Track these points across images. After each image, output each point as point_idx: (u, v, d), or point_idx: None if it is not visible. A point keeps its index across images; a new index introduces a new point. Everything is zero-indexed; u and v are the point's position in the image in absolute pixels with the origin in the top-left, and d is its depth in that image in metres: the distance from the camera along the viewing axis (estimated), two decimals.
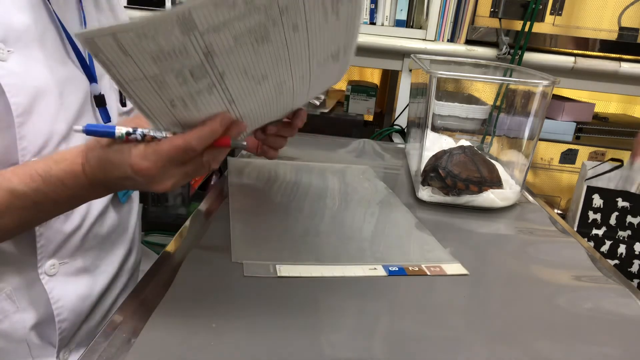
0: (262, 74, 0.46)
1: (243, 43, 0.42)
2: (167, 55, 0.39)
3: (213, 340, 0.43)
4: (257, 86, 0.48)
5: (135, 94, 0.43)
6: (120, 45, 0.39)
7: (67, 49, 0.62)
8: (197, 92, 0.43)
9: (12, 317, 0.60)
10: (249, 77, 0.46)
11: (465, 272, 0.59)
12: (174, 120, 0.46)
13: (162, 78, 0.41)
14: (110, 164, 0.48)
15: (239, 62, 0.43)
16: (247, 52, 0.43)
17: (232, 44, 0.41)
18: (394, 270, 0.57)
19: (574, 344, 0.48)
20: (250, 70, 0.45)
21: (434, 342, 0.46)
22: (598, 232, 1.41)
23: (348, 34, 0.52)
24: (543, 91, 0.79)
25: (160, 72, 0.41)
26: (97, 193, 0.54)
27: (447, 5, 1.45)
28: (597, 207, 1.40)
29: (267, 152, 0.71)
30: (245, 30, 0.41)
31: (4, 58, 0.54)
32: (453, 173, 0.77)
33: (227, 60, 0.42)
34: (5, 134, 0.54)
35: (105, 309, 0.71)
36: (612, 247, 1.40)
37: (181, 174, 0.48)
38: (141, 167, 0.46)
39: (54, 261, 0.61)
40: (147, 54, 0.39)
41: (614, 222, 1.40)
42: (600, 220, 1.40)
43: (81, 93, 0.63)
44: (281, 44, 0.45)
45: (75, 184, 0.51)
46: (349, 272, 0.56)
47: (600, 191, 1.40)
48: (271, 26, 0.42)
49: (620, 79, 1.48)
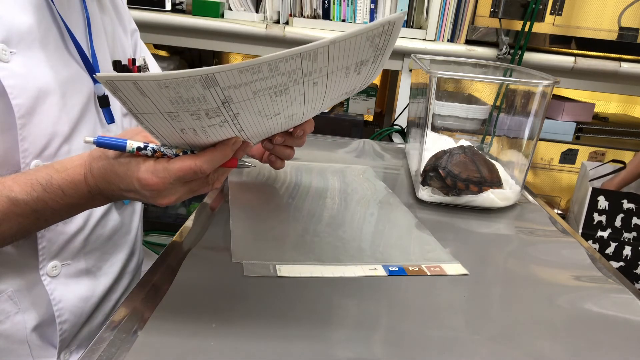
0: (275, 112, 0.48)
1: (262, 95, 0.43)
2: (185, 101, 0.40)
3: (213, 341, 0.43)
4: (268, 121, 0.50)
5: (148, 122, 0.44)
6: (140, 88, 0.39)
7: (70, 50, 0.62)
8: (209, 126, 0.44)
9: (13, 318, 0.60)
10: (262, 115, 0.47)
11: (465, 272, 0.59)
12: (183, 142, 0.47)
13: (177, 114, 0.42)
14: (116, 176, 0.49)
15: (255, 107, 0.44)
16: (264, 101, 0.44)
17: (251, 96, 0.42)
18: (394, 270, 0.57)
19: (574, 344, 0.48)
20: (264, 111, 0.46)
21: (434, 342, 0.46)
22: (603, 234, 1.40)
23: (367, 80, 0.55)
24: (543, 91, 0.79)
25: (175, 110, 0.42)
26: (96, 202, 0.55)
27: (447, 5, 1.45)
28: (603, 208, 1.40)
29: (275, 162, 0.71)
30: (266, 87, 0.42)
31: (6, 59, 0.53)
32: (453, 173, 0.77)
33: (243, 106, 0.43)
34: (6, 136, 0.54)
35: (107, 310, 0.71)
36: (617, 249, 1.40)
37: (186, 190, 0.49)
38: (149, 183, 0.47)
39: (56, 262, 0.61)
40: (166, 98, 0.40)
41: (619, 224, 1.39)
42: (605, 222, 1.40)
43: (84, 94, 0.63)
44: (299, 94, 0.46)
45: (76, 193, 0.52)
46: (349, 272, 0.56)
47: (606, 193, 1.40)
48: (292, 85, 0.44)
49: (620, 79, 1.48)
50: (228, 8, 1.55)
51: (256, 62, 0.38)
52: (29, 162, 0.56)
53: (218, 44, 1.55)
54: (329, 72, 0.45)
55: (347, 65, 0.47)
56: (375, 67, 0.52)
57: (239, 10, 1.55)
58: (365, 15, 1.50)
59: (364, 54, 0.47)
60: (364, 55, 0.48)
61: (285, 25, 1.50)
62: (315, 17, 1.53)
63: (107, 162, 0.49)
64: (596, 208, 1.40)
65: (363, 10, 1.50)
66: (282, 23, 1.55)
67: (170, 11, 1.53)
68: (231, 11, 1.55)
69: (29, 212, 0.51)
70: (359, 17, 1.51)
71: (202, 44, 1.55)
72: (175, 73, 0.38)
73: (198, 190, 0.51)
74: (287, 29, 1.48)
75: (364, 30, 0.43)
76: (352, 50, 0.45)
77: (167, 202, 0.49)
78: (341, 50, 0.43)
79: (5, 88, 0.53)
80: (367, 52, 0.47)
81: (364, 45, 0.46)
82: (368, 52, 0.47)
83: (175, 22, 1.49)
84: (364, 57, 0.48)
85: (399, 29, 0.48)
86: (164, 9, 1.52)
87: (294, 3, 1.52)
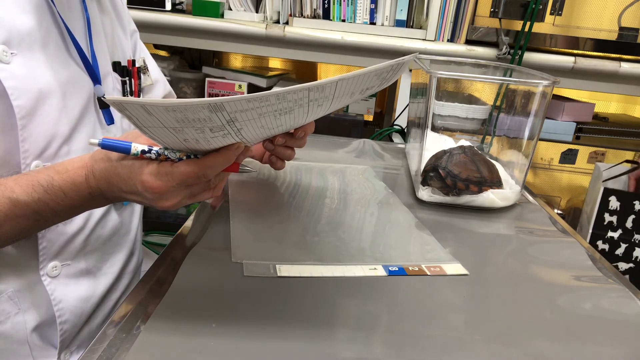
0: (278, 125, 0.49)
1: (266, 116, 0.44)
2: (191, 120, 0.41)
3: (213, 341, 0.43)
4: (270, 131, 0.51)
5: (152, 133, 0.45)
6: (147, 110, 0.40)
7: (70, 51, 0.62)
8: (212, 137, 0.45)
9: (13, 318, 0.60)
10: (265, 128, 0.48)
11: (465, 272, 0.59)
12: (185, 148, 0.48)
13: (182, 129, 0.43)
14: (118, 178, 0.49)
15: (258, 123, 0.45)
16: (269, 119, 0.45)
17: (256, 117, 0.43)
18: (394, 270, 0.57)
19: (573, 344, 0.48)
20: (266, 126, 0.47)
21: (434, 342, 0.46)
22: (614, 235, 1.40)
23: (368, 96, 0.57)
24: (543, 91, 0.79)
25: (180, 127, 0.42)
26: (96, 203, 0.55)
27: (447, 5, 1.45)
28: (614, 209, 1.39)
29: (275, 163, 0.72)
30: (272, 110, 0.43)
31: (7, 60, 0.54)
32: (453, 173, 0.77)
33: (248, 124, 0.44)
34: (7, 137, 0.54)
35: (107, 310, 0.71)
36: (627, 250, 1.39)
37: (187, 194, 0.50)
38: (152, 185, 0.47)
39: (56, 263, 0.61)
40: (172, 118, 0.41)
41: (630, 225, 1.39)
42: (616, 222, 1.39)
43: (84, 95, 0.63)
44: (303, 113, 0.47)
45: (77, 195, 0.52)
46: (349, 272, 0.56)
47: (617, 193, 1.39)
48: (297, 107, 0.45)
49: (620, 79, 1.48)
50: (228, 8, 1.55)
51: (265, 94, 0.39)
52: (29, 162, 0.56)
53: (218, 44, 1.55)
54: (334, 97, 0.46)
55: (353, 92, 0.49)
56: (379, 89, 0.54)
57: (239, 10, 1.55)
58: (365, 15, 1.50)
59: (370, 83, 0.49)
60: (370, 84, 0.50)
61: (285, 25, 1.50)
62: (315, 17, 1.53)
63: (110, 164, 0.49)
64: (607, 208, 1.39)
65: (363, 10, 1.50)
66: (282, 23, 1.55)
67: (170, 11, 1.53)
68: (231, 11, 1.55)
69: (30, 213, 0.51)
70: (359, 17, 1.51)
71: (202, 44, 1.55)
72: (183, 102, 0.38)
73: (199, 195, 0.51)
74: (287, 29, 1.48)
75: (374, 70, 0.45)
76: (359, 82, 0.46)
77: (168, 205, 0.49)
78: (349, 83, 0.45)
79: (7, 89, 0.53)
80: (373, 81, 0.49)
81: (372, 79, 0.48)
82: (374, 81, 0.49)
83: (175, 22, 1.49)
84: (370, 85, 0.50)
85: (408, 66, 0.50)
86: (164, 9, 1.52)
87: (294, 3, 1.52)
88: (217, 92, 1.62)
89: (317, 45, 1.52)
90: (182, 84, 1.63)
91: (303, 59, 1.55)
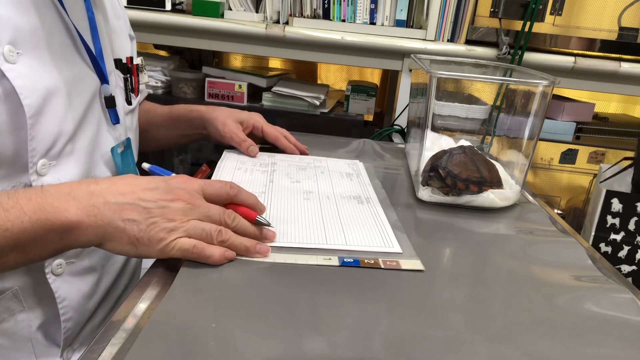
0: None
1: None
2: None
3: (213, 341, 0.43)
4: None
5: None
6: None
7: (75, 48, 0.62)
8: None
9: (17, 316, 0.60)
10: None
11: (421, 268, 0.58)
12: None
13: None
14: (134, 179, 0.55)
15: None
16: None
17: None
18: (348, 262, 0.57)
19: (573, 344, 0.48)
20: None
21: (433, 342, 0.46)
22: (616, 237, 1.39)
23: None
24: (543, 91, 0.79)
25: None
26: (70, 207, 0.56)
27: (447, 5, 1.45)
28: (616, 211, 1.39)
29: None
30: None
31: (14, 60, 0.54)
32: (453, 173, 0.77)
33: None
34: (16, 136, 0.54)
35: (108, 308, 0.72)
36: (630, 252, 1.39)
37: (195, 223, 0.53)
38: (179, 194, 0.54)
39: (61, 261, 0.61)
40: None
41: (633, 227, 1.38)
42: (618, 224, 1.39)
43: (89, 92, 0.64)
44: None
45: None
46: (301, 260, 0.57)
47: (620, 195, 1.39)
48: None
49: (620, 79, 1.48)
50: (228, 8, 1.55)
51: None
52: (36, 161, 0.56)
53: (218, 44, 1.55)
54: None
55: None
56: None
57: (239, 10, 1.55)
58: (365, 15, 1.50)
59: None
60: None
61: (285, 25, 1.50)
62: (315, 17, 1.53)
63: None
64: (609, 210, 1.39)
65: (363, 10, 1.50)
66: (282, 23, 1.55)
67: (170, 11, 1.53)
68: (231, 11, 1.55)
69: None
70: (358, 17, 1.51)
71: (202, 44, 1.55)
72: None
73: (206, 232, 0.54)
74: (287, 29, 1.48)
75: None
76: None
77: (170, 224, 0.53)
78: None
79: (16, 89, 0.53)
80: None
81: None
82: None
83: (175, 22, 1.50)
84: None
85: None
86: (164, 9, 1.52)
87: (294, 3, 1.52)
88: (217, 92, 1.62)
89: (317, 45, 1.52)
90: (182, 84, 1.63)
91: (303, 59, 1.55)
